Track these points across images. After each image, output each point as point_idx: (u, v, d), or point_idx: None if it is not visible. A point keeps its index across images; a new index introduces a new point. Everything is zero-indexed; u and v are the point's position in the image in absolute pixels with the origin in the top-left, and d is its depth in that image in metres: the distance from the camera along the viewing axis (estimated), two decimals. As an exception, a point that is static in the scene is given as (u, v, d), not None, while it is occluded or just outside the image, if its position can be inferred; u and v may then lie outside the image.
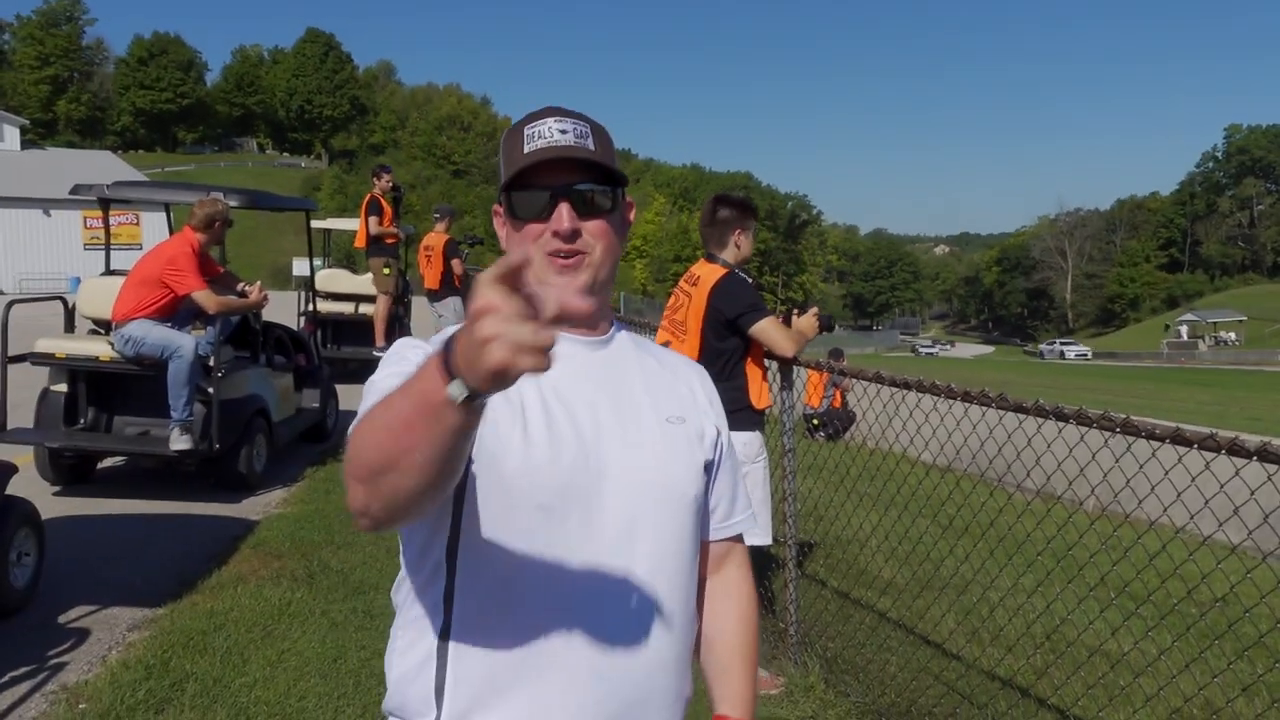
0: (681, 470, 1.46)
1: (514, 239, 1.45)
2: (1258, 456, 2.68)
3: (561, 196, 1.40)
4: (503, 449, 1.34)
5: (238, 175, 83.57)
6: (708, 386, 1.61)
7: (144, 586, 5.25)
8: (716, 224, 4.54)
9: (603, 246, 1.44)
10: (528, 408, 1.38)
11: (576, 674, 1.34)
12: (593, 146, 1.43)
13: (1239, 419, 19.00)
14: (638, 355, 1.54)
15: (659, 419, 1.46)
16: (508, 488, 1.34)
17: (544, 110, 1.46)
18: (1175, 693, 3.69)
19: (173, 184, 12.89)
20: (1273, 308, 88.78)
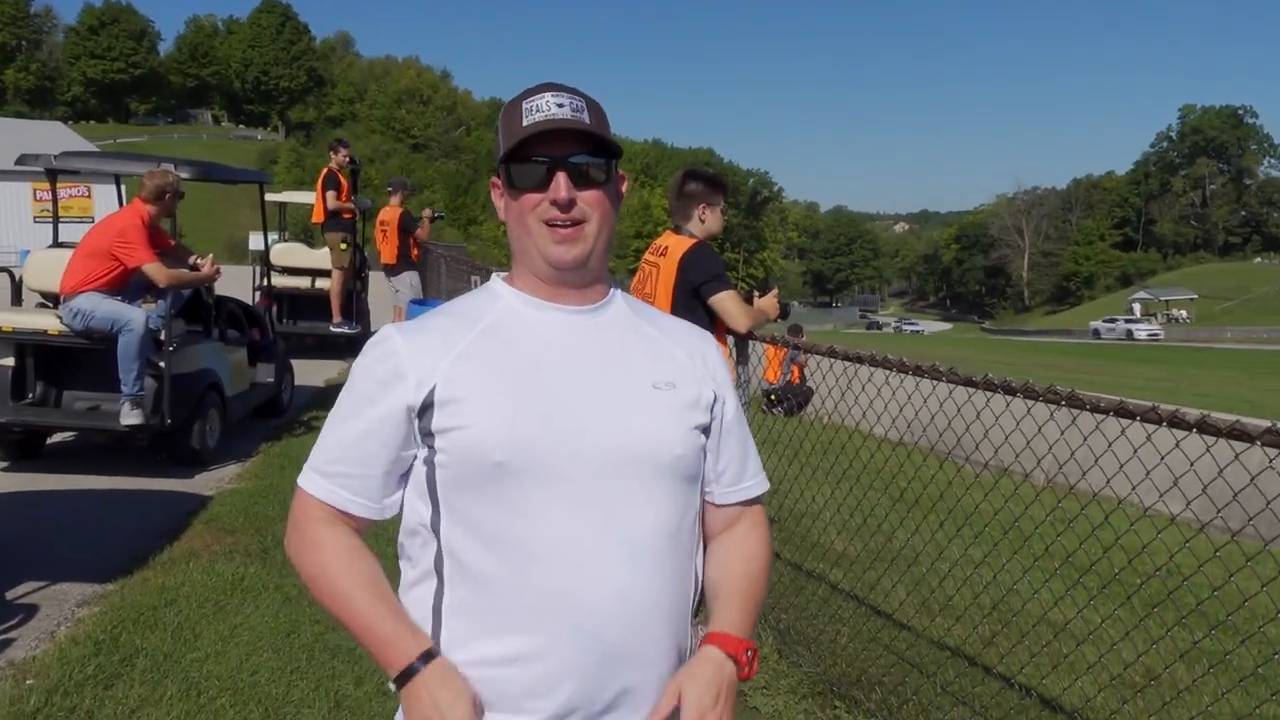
0: (668, 433, 1.47)
1: (512, 209, 1.51)
2: (1197, 429, 2.74)
3: (559, 167, 1.46)
4: (465, 425, 1.41)
5: (192, 147, 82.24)
6: (712, 353, 1.63)
7: (94, 562, 5.20)
8: (684, 197, 4.57)
9: (599, 216, 1.49)
10: (505, 377, 1.43)
11: (557, 627, 1.39)
12: (588, 119, 1.48)
13: (1188, 394, 19.38)
14: (633, 322, 1.57)
15: (646, 384, 1.49)
16: (469, 459, 1.40)
17: (542, 86, 1.50)
18: (1117, 660, 3.78)
19: (122, 155, 12.66)
20: (1222, 286, 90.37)
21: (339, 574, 1.44)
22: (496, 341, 1.47)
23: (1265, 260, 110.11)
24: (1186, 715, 3.67)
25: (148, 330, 6.63)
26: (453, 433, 1.41)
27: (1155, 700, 3.80)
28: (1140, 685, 3.92)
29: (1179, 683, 3.90)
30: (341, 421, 1.49)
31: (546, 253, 1.48)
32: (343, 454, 1.47)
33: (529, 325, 1.50)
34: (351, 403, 1.49)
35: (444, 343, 1.46)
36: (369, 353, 1.50)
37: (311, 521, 1.48)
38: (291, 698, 3.82)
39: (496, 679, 1.40)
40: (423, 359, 1.44)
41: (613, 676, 1.41)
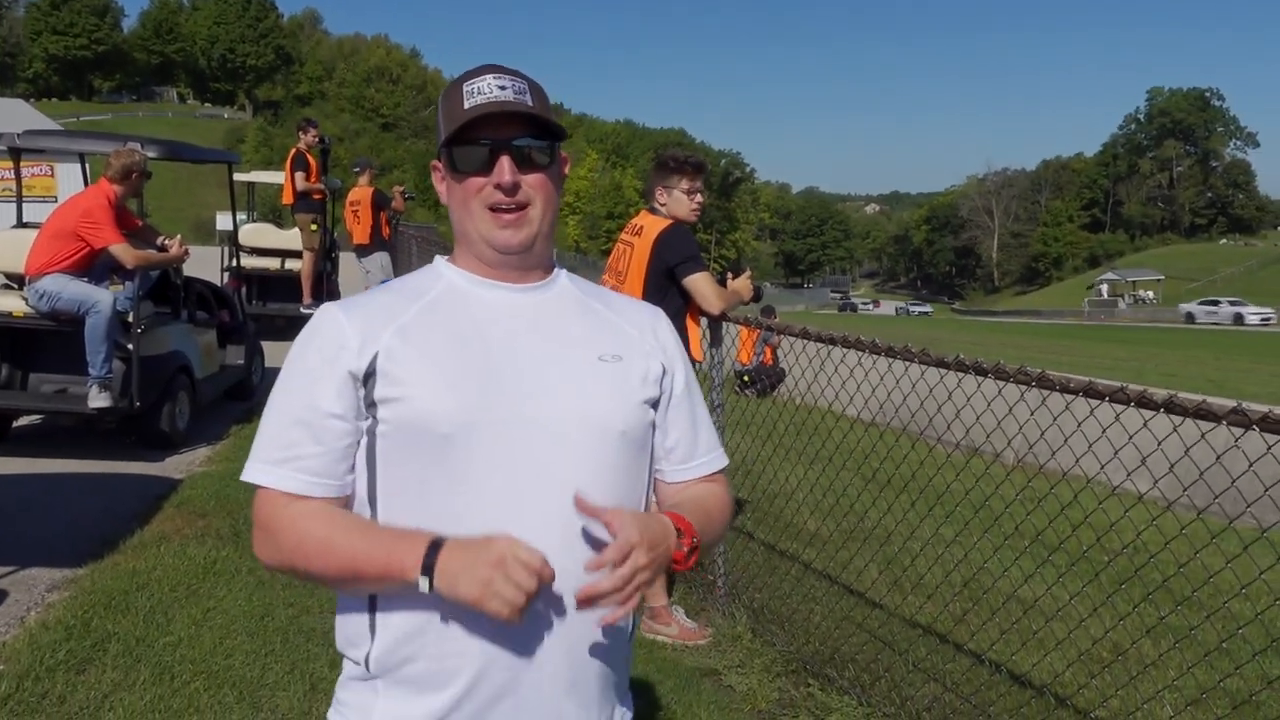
0: (613, 406, 1.47)
1: (455, 192, 1.50)
2: (1164, 409, 2.78)
3: (502, 150, 1.45)
4: (406, 395, 1.40)
5: (157, 126, 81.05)
6: (662, 327, 1.62)
7: (63, 546, 5.15)
8: (649, 181, 4.63)
9: (542, 199, 1.49)
10: (439, 355, 1.43)
11: None
12: (531, 102, 1.46)
13: (1154, 375, 19.59)
14: (580, 299, 1.57)
15: (590, 358, 1.49)
16: (410, 430, 1.39)
17: (482, 68, 1.49)
18: (1085, 635, 3.83)
19: (88, 134, 12.50)
20: (1189, 267, 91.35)
21: (319, 531, 1.39)
22: (438, 316, 1.47)
23: (1230, 241, 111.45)
24: (1153, 689, 3.74)
25: (115, 312, 6.56)
26: (394, 403, 1.40)
27: (1122, 675, 3.87)
28: (1108, 660, 3.99)
29: (1145, 658, 3.97)
30: (287, 402, 1.45)
31: (491, 237, 1.47)
32: (295, 435, 1.43)
33: (471, 301, 1.49)
34: (296, 381, 1.45)
35: (386, 315, 1.46)
36: (310, 329, 1.48)
37: (277, 515, 1.42)
38: (266, 681, 3.81)
39: (432, 651, 1.39)
40: (364, 328, 1.43)
41: (547, 657, 1.40)
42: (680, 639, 4.45)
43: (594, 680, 1.47)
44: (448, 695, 1.39)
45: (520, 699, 1.40)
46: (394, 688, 1.42)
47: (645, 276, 4.42)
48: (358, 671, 1.46)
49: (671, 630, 4.47)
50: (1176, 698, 3.72)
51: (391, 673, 1.42)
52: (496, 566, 1.26)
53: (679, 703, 3.86)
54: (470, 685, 1.38)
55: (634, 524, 1.32)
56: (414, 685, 1.41)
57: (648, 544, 1.32)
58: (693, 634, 4.48)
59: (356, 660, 1.46)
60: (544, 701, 1.41)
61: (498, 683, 1.39)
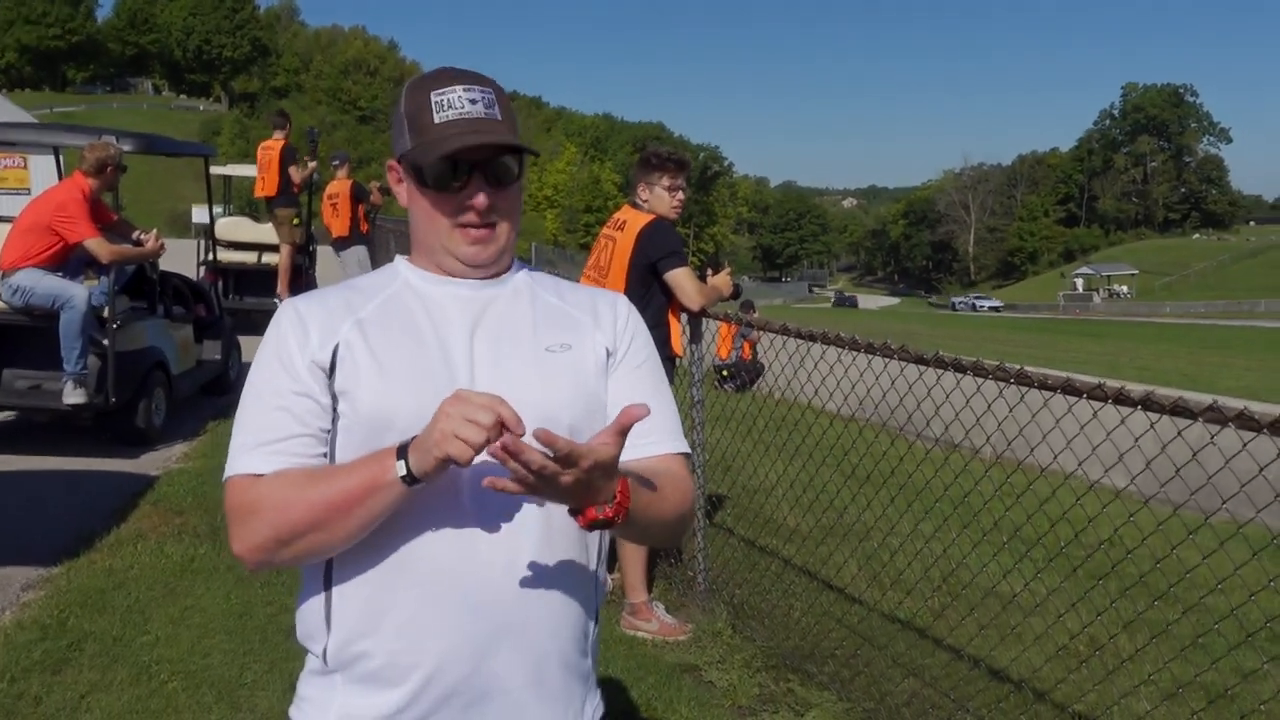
0: (559, 397, 1.45)
1: (420, 203, 1.49)
2: (1141, 405, 2.80)
3: (479, 169, 1.44)
4: (370, 388, 1.40)
5: (132, 117, 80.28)
6: (611, 309, 1.59)
7: (38, 545, 5.10)
8: (634, 173, 4.63)
9: (511, 215, 1.50)
10: (397, 349, 1.43)
11: (445, 599, 1.38)
12: (500, 116, 1.45)
13: (1129, 369, 19.75)
14: (531, 293, 1.56)
15: (539, 349, 1.48)
16: (368, 421, 1.39)
17: (445, 75, 1.47)
18: (1063, 630, 3.87)
19: (62, 126, 12.35)
20: (1162, 262, 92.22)
21: (297, 484, 1.36)
22: (394, 312, 1.47)
23: (1203, 236, 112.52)
24: (1130, 684, 3.77)
25: (90, 307, 6.50)
26: (352, 395, 1.40)
27: (1100, 669, 3.91)
28: (1085, 655, 4.03)
29: (1122, 652, 4.00)
30: (258, 397, 1.44)
31: (458, 252, 1.47)
32: (272, 421, 1.41)
33: (426, 299, 1.49)
34: (265, 374, 1.45)
35: (344, 309, 1.47)
36: (274, 325, 1.48)
37: (252, 492, 1.38)
38: (245, 680, 3.79)
39: (388, 645, 1.39)
40: (324, 321, 1.45)
41: (505, 652, 1.40)
42: (660, 635, 4.45)
43: (560, 676, 1.46)
44: (405, 690, 1.39)
45: (480, 694, 1.40)
46: (352, 683, 1.42)
47: (627, 271, 4.42)
48: (317, 665, 1.46)
49: (651, 626, 4.47)
50: (1153, 691, 3.75)
51: (348, 667, 1.42)
52: (449, 415, 1.25)
53: (659, 699, 3.86)
54: (427, 680, 1.38)
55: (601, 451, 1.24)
56: (371, 680, 1.40)
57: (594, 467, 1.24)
58: (673, 630, 4.49)
59: (315, 653, 1.46)
60: (506, 697, 1.41)
61: (456, 677, 1.38)
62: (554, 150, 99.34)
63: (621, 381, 1.54)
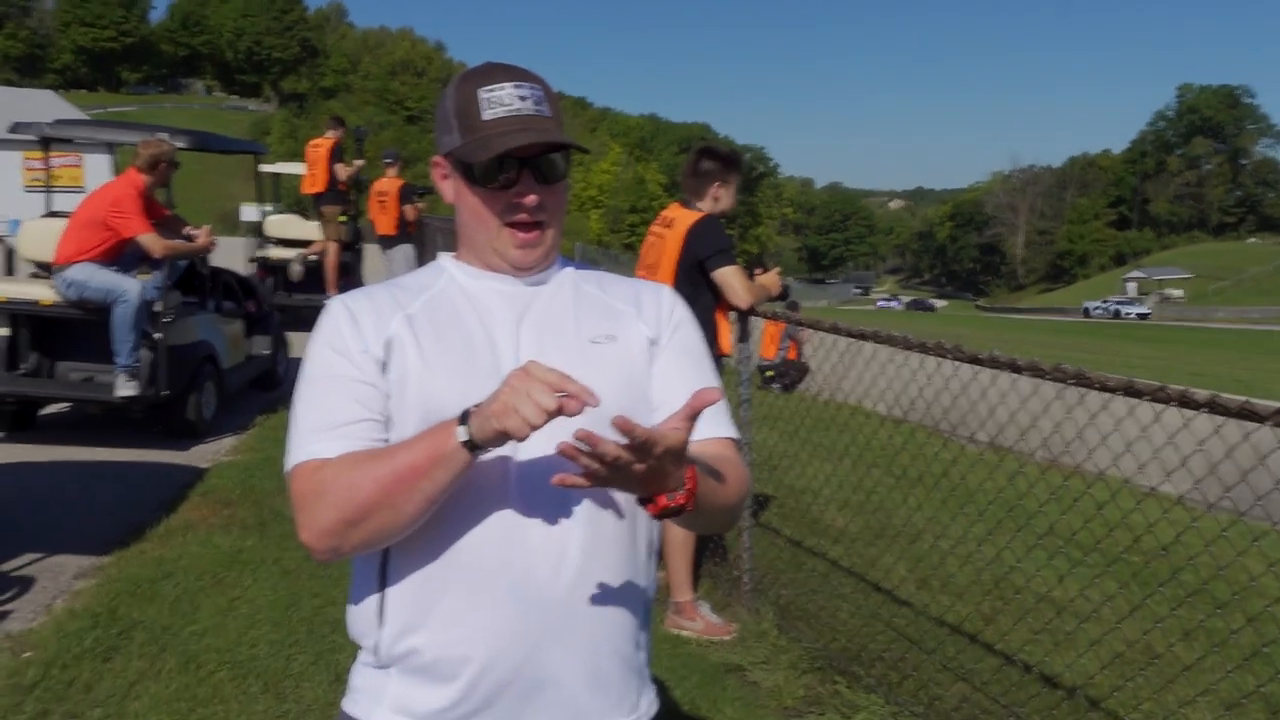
0: (605, 388, 1.37)
1: (467, 199, 1.47)
2: (1208, 409, 2.72)
3: (529, 167, 1.42)
4: (419, 381, 1.39)
5: (183, 117, 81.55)
6: (655, 299, 1.57)
7: (90, 534, 5.17)
8: (699, 175, 4.55)
9: (559, 213, 1.48)
10: (445, 343, 1.42)
11: (495, 592, 1.36)
12: (549, 113, 1.44)
13: (1182, 373, 19.40)
14: (575, 287, 1.54)
15: (583, 341, 1.46)
16: (423, 416, 1.37)
17: (495, 71, 1.45)
18: (1118, 638, 3.78)
19: (117, 124, 12.56)
20: (1216, 266, 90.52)
21: (363, 465, 1.33)
22: (442, 309, 1.46)
23: (1259, 240, 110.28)
24: (1188, 694, 3.67)
25: (143, 301, 6.58)
26: (402, 389, 1.40)
27: (1157, 679, 3.81)
28: (1142, 664, 3.93)
29: (1180, 661, 3.90)
30: (319, 381, 1.42)
31: (507, 254, 1.46)
32: (339, 404, 1.39)
33: (471, 295, 1.48)
34: (320, 367, 1.43)
35: (393, 305, 1.46)
36: (324, 318, 1.47)
37: (318, 477, 1.35)
38: (291, 671, 3.80)
39: (440, 639, 1.38)
40: (375, 317, 1.44)
41: (557, 646, 1.38)
42: (705, 634, 4.41)
43: (614, 669, 1.44)
44: (458, 683, 1.37)
45: (534, 686, 1.38)
46: (405, 675, 1.41)
47: (676, 269, 4.39)
48: (370, 659, 1.46)
49: (697, 625, 4.44)
50: (1213, 701, 3.65)
51: (401, 661, 1.41)
52: (514, 388, 1.22)
53: (704, 698, 3.83)
54: (480, 673, 1.37)
55: (672, 437, 1.22)
56: (424, 674, 1.39)
57: (666, 453, 1.21)
58: (718, 629, 4.45)
59: (367, 649, 1.46)
60: (560, 690, 1.39)
61: (508, 669, 1.37)
62: (599, 150, 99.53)
63: (667, 365, 1.52)
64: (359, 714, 1.46)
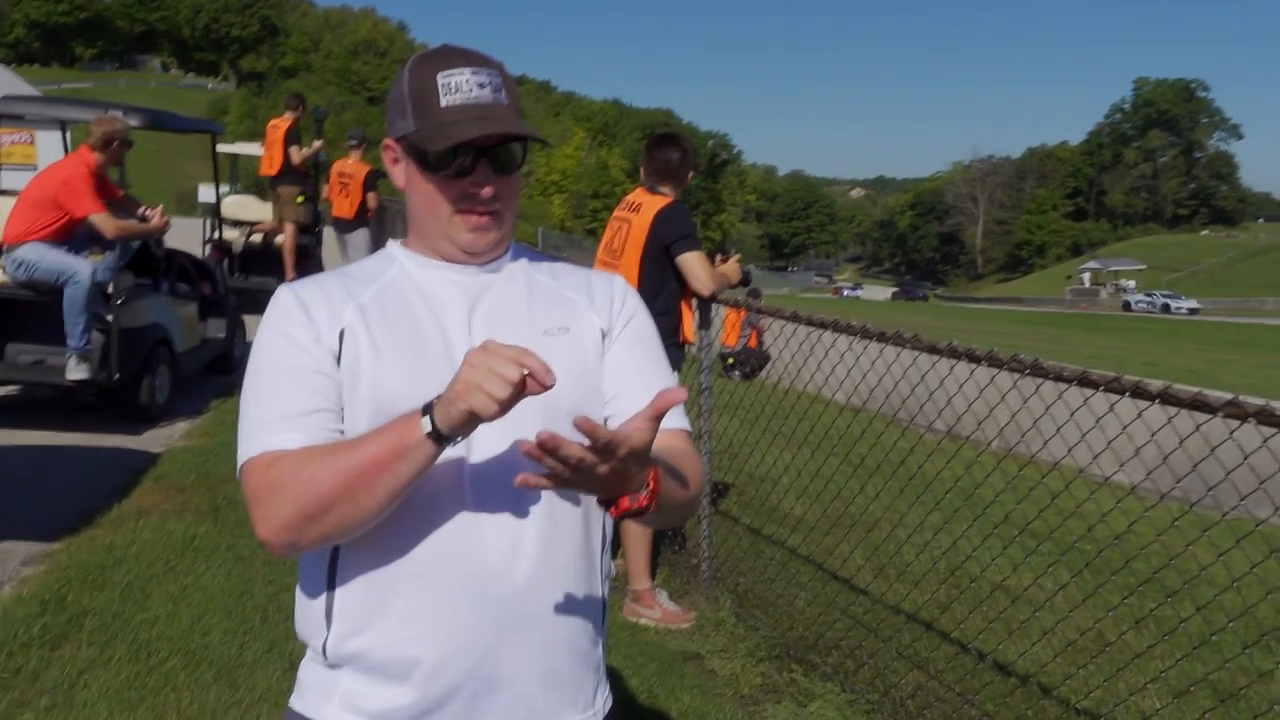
0: (559, 381, 1.37)
1: (419, 185, 1.44)
2: (1160, 399, 2.75)
3: (484, 156, 1.39)
4: (371, 373, 1.36)
5: (139, 95, 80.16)
6: (607, 289, 1.54)
7: (39, 520, 5.07)
8: (671, 162, 4.57)
9: (512, 200, 1.46)
10: (397, 334, 1.40)
11: (447, 590, 1.34)
12: (506, 100, 1.41)
13: (1136, 364, 19.68)
14: (527, 276, 1.52)
15: (536, 333, 1.43)
16: (375, 409, 1.34)
17: (453, 55, 1.41)
18: (1071, 626, 3.83)
19: (69, 100, 12.31)
20: (1170, 257, 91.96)
21: (322, 457, 1.29)
22: (392, 299, 1.43)
23: (1212, 233, 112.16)
24: (1138, 681, 3.73)
25: (95, 283, 6.45)
26: (354, 381, 1.37)
27: (1108, 666, 3.86)
28: (1094, 652, 3.98)
29: (1131, 649, 3.96)
30: (271, 371, 1.38)
31: (458, 239, 1.43)
32: (293, 394, 1.35)
33: (423, 285, 1.45)
34: (271, 356, 1.39)
35: (344, 294, 1.43)
36: (273, 307, 1.43)
37: (275, 470, 1.31)
38: (245, 659, 3.76)
39: (389, 638, 1.35)
40: (327, 306, 1.40)
41: (510, 644, 1.36)
42: (663, 622, 4.42)
43: (569, 667, 1.43)
44: (410, 684, 1.35)
45: (488, 685, 1.36)
46: (356, 674, 1.39)
47: (642, 253, 4.39)
48: (318, 658, 1.43)
49: (655, 613, 4.44)
50: (1162, 689, 3.71)
51: (350, 661, 1.39)
52: (474, 365, 1.19)
53: (662, 686, 3.83)
54: (432, 672, 1.35)
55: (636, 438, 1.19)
56: (375, 673, 1.37)
57: (630, 455, 1.18)
58: (676, 617, 4.45)
59: (315, 649, 1.43)
60: (515, 688, 1.38)
61: (461, 668, 1.35)
62: (562, 135, 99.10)
63: (619, 355, 1.50)
64: (308, 712, 1.43)
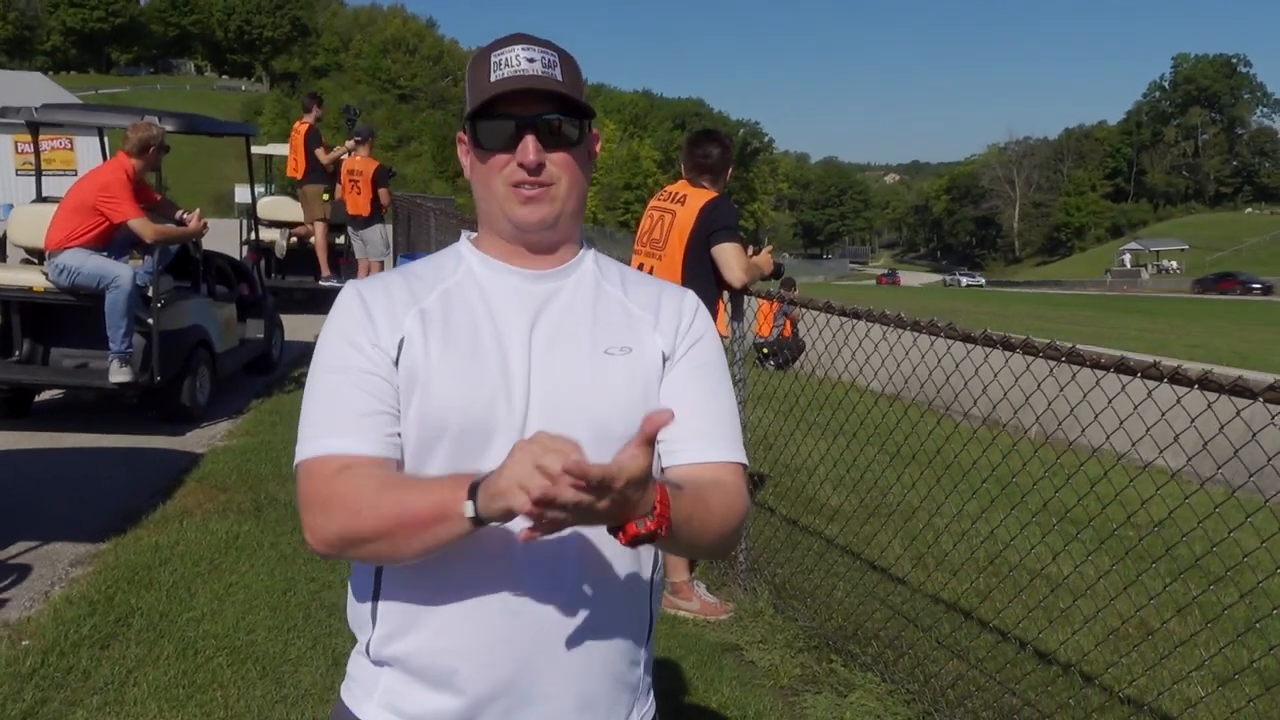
0: (613, 403, 1.40)
1: (478, 169, 1.44)
2: (1199, 385, 2.72)
3: (528, 127, 1.38)
4: (424, 382, 1.36)
5: (175, 98, 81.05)
6: (676, 309, 1.51)
7: (86, 521, 5.17)
8: (713, 159, 4.58)
9: (568, 179, 1.42)
10: (455, 343, 1.39)
11: (482, 606, 1.35)
12: (560, 77, 1.39)
13: (1178, 346, 19.38)
14: (596, 285, 1.49)
15: (596, 351, 1.42)
16: (423, 419, 1.35)
17: (512, 38, 1.42)
18: (1113, 614, 3.79)
19: (106, 107, 12.47)
20: (1213, 236, 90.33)
21: (370, 486, 1.30)
22: (455, 304, 1.42)
23: (1256, 211, 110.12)
24: (1182, 668, 3.69)
25: (135, 286, 6.56)
26: (409, 391, 1.36)
27: (1151, 654, 3.82)
28: (1136, 639, 3.94)
29: (1174, 636, 3.91)
30: (327, 375, 1.38)
31: (512, 214, 1.41)
32: (352, 396, 1.36)
33: (488, 291, 1.44)
34: (332, 357, 1.39)
35: (408, 297, 1.42)
36: (338, 308, 1.43)
37: (328, 484, 1.32)
38: (289, 656, 3.81)
39: (424, 653, 1.37)
40: (389, 309, 1.40)
41: (545, 664, 1.37)
42: (701, 614, 4.43)
43: (605, 690, 1.42)
44: (444, 693, 1.37)
45: (522, 700, 1.37)
46: (396, 674, 1.41)
47: (687, 244, 4.39)
48: (364, 652, 1.46)
49: (693, 605, 4.45)
50: (1206, 676, 3.67)
51: (391, 663, 1.41)
52: (519, 464, 1.14)
53: (701, 678, 3.84)
54: (466, 685, 1.36)
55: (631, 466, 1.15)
56: (413, 677, 1.39)
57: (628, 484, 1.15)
58: (714, 609, 4.46)
59: (361, 643, 1.46)
60: (547, 705, 1.38)
61: (495, 682, 1.36)
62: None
63: (679, 383, 1.46)
64: (352, 705, 1.46)
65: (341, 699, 1.49)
